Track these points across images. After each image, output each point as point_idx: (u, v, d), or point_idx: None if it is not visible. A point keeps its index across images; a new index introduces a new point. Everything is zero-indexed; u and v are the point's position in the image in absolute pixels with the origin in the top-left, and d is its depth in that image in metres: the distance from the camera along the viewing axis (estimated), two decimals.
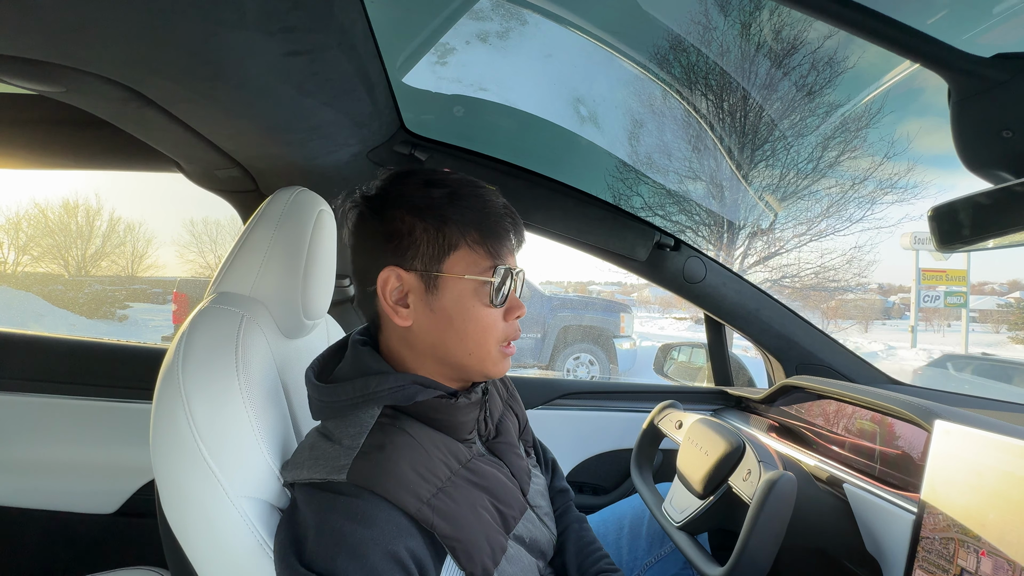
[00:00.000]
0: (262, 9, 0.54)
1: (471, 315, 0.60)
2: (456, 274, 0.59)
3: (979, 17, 0.78)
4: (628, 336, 5.71)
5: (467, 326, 0.60)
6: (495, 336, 0.62)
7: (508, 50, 1.35)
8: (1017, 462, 0.58)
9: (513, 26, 1.33)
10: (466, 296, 0.60)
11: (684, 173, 4.90)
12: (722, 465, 0.78)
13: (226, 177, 1.05)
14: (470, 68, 1.30)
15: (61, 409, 1.21)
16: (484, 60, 1.34)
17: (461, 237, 0.59)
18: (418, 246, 0.59)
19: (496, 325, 0.62)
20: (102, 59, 0.59)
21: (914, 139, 6.29)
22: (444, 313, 0.60)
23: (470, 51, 1.30)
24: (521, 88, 1.42)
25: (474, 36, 1.32)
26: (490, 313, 0.61)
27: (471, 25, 1.26)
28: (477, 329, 0.60)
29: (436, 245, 0.59)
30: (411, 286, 0.60)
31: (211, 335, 0.61)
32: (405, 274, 0.59)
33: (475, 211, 0.60)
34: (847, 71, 3.83)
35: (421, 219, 0.59)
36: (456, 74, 1.28)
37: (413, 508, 0.52)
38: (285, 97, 0.74)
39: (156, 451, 0.57)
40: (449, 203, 0.59)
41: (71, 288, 10.96)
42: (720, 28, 2.25)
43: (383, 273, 0.59)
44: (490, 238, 0.60)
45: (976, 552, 0.60)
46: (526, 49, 1.38)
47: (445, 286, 0.59)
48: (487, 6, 1.25)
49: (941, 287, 9.58)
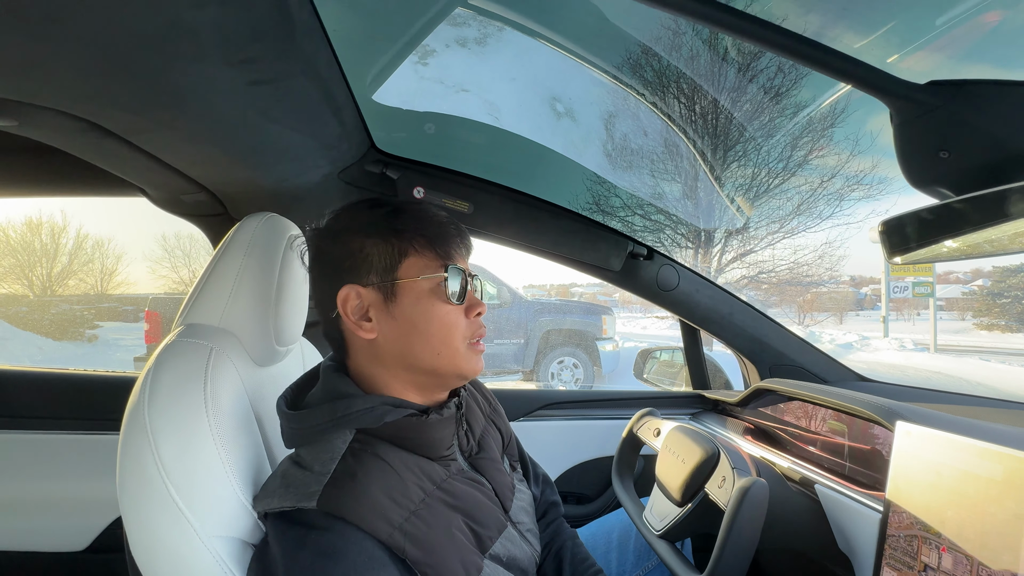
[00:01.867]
0: (221, 41, 0.54)
1: (432, 315, 0.62)
2: (411, 278, 0.61)
3: (900, 43, 0.82)
4: (611, 338, 5.76)
5: (430, 326, 0.61)
6: (460, 333, 0.63)
7: (483, 56, 1.36)
8: (973, 461, 0.61)
9: (490, 32, 1.34)
10: (424, 297, 0.62)
11: (659, 176, 4.98)
12: (698, 473, 0.80)
13: (193, 202, 1.03)
14: (442, 80, 1.31)
15: (23, 445, 1.16)
16: (457, 70, 1.35)
17: (409, 244, 0.62)
18: (371, 261, 0.61)
19: (458, 322, 0.63)
20: (57, 94, 0.58)
21: (878, 135, 6.51)
22: (405, 318, 0.61)
23: (442, 62, 1.31)
24: (492, 101, 1.43)
25: (445, 46, 1.33)
26: (451, 311, 0.63)
27: (444, 33, 1.26)
28: (441, 327, 0.62)
29: (387, 256, 0.61)
30: (370, 300, 0.62)
31: (178, 371, 0.60)
32: (363, 290, 0.62)
33: (419, 220, 0.63)
34: (811, 73, 3.96)
35: (369, 236, 0.62)
36: (427, 88, 1.28)
37: (384, 534, 0.52)
38: (251, 124, 0.73)
39: (123, 493, 0.56)
40: (394, 216, 0.62)
41: (37, 309, 10.56)
42: (688, 34, 2.30)
43: (342, 292, 0.61)
44: (437, 241, 0.63)
45: (938, 548, 0.62)
46: (497, 59, 1.39)
47: (402, 292, 0.61)
48: (461, 17, 1.26)
49: (909, 278, 9.93)
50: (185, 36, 0.51)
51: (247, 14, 0.52)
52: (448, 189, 1.18)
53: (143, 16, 0.48)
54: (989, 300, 14.95)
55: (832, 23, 1.08)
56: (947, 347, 10.07)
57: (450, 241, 0.64)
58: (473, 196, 1.20)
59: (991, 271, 16.07)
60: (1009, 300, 14.34)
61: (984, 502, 0.58)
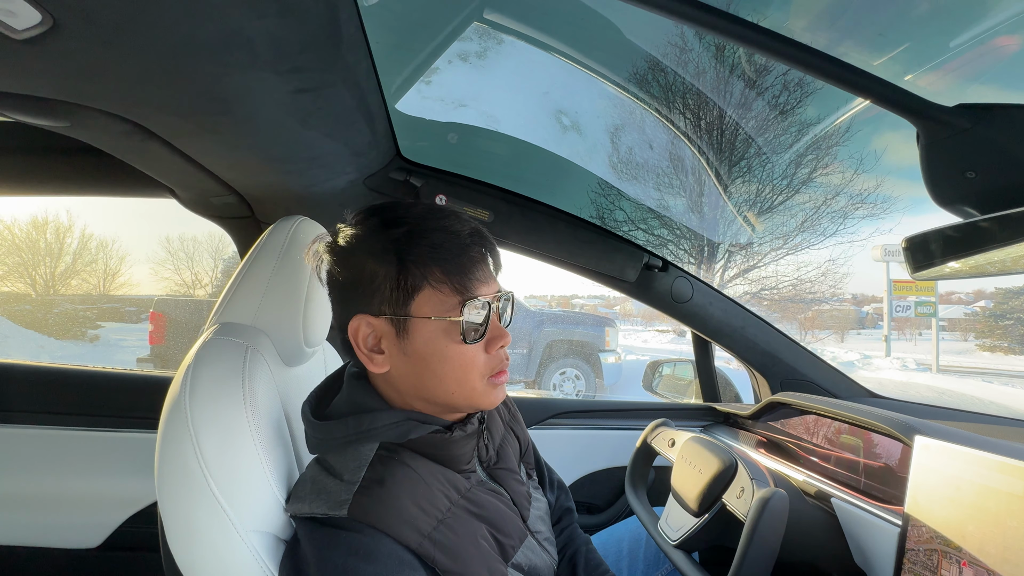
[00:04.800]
0: (275, 51, 0.56)
1: (446, 355, 0.57)
2: (423, 316, 0.57)
3: (919, 61, 0.85)
4: (613, 350, 5.75)
5: (443, 367, 0.58)
6: (476, 372, 0.59)
7: (494, 71, 1.39)
8: (993, 476, 0.62)
9: (491, 46, 1.37)
10: (437, 337, 0.57)
11: (666, 190, 5.02)
12: (716, 483, 0.80)
13: (221, 204, 1.05)
14: (459, 90, 1.34)
15: (36, 441, 1.17)
16: (472, 82, 1.38)
17: (423, 278, 0.56)
18: (382, 291, 0.57)
19: (475, 361, 0.59)
20: (111, 97, 0.60)
21: (883, 155, 6.56)
22: (418, 356, 0.58)
23: (459, 74, 1.34)
24: (510, 111, 1.46)
25: (464, 58, 1.36)
26: (466, 350, 0.58)
27: (460, 47, 1.29)
28: (455, 368, 0.58)
29: (398, 290, 0.56)
30: (382, 331, 0.58)
31: (217, 367, 0.61)
32: (375, 320, 0.58)
33: (435, 247, 0.57)
34: (816, 92, 4.02)
35: (380, 264, 0.57)
36: (446, 96, 1.31)
37: (415, 543, 0.52)
38: (288, 130, 0.76)
39: (162, 486, 0.57)
40: (407, 242, 0.57)
41: (39, 308, 10.56)
42: (696, 50, 2.35)
43: (353, 322, 0.58)
44: (454, 274, 0.57)
45: (958, 563, 0.63)
46: (513, 71, 1.42)
47: (415, 329, 0.57)
48: (483, 30, 1.29)
49: (911, 297, 9.92)
50: (241, 45, 0.54)
51: (300, 25, 0.54)
52: (469, 198, 1.21)
53: (204, 25, 0.50)
54: (991, 321, 14.92)
55: (838, 41, 1.11)
56: (949, 367, 10.02)
57: (471, 270, 0.58)
58: (493, 205, 1.22)
59: (993, 292, 16.06)
60: (1012, 322, 14.32)
61: (1006, 516, 0.59)
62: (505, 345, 0.62)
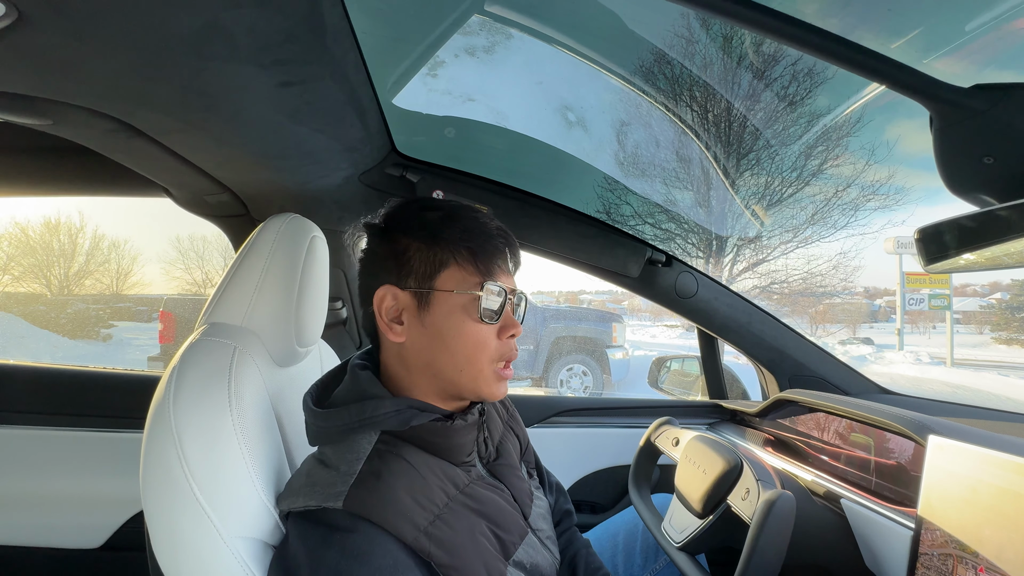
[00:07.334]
0: (255, 43, 0.54)
1: (461, 330, 0.60)
2: (446, 290, 0.60)
3: (938, 44, 0.81)
4: (621, 346, 5.72)
5: (457, 342, 0.60)
6: (487, 354, 0.62)
7: (495, 65, 1.36)
8: (1012, 478, 0.59)
9: (499, 40, 1.34)
10: (456, 312, 0.60)
11: (673, 183, 4.96)
12: (720, 484, 0.78)
13: (216, 202, 1.04)
14: (459, 84, 1.31)
15: (40, 441, 1.17)
16: (473, 76, 1.35)
17: (451, 255, 0.61)
18: (412, 265, 0.61)
19: (487, 342, 0.62)
20: (92, 93, 0.59)
21: (895, 145, 6.42)
22: (435, 328, 0.60)
23: (459, 68, 1.32)
24: (510, 105, 1.43)
25: (463, 52, 1.34)
26: (481, 329, 0.61)
27: (460, 41, 1.27)
28: (467, 345, 0.61)
29: (428, 263, 0.61)
30: (405, 304, 0.61)
31: (203, 369, 0.60)
32: (400, 293, 0.61)
33: (467, 230, 0.61)
34: (827, 82, 3.94)
35: (415, 239, 0.61)
36: (445, 90, 1.29)
37: (410, 537, 0.51)
38: (277, 126, 0.74)
39: (146, 490, 0.56)
40: (442, 223, 0.61)
41: (53, 308, 10.73)
42: (702, 42, 2.30)
43: (379, 291, 0.61)
44: (480, 255, 0.61)
45: (975, 568, 0.60)
46: (513, 65, 1.39)
47: (436, 302, 0.61)
48: (475, 24, 1.27)
49: (925, 290, 9.75)
50: (220, 37, 0.52)
51: (281, 16, 0.52)
52: (467, 193, 1.19)
53: (180, 16, 0.48)
54: (1008, 314, 14.63)
55: (853, 27, 1.07)
56: (964, 361, 9.86)
57: (495, 256, 0.62)
58: (492, 200, 1.20)
59: (1010, 284, 15.75)
60: None
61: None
62: (516, 335, 0.65)
